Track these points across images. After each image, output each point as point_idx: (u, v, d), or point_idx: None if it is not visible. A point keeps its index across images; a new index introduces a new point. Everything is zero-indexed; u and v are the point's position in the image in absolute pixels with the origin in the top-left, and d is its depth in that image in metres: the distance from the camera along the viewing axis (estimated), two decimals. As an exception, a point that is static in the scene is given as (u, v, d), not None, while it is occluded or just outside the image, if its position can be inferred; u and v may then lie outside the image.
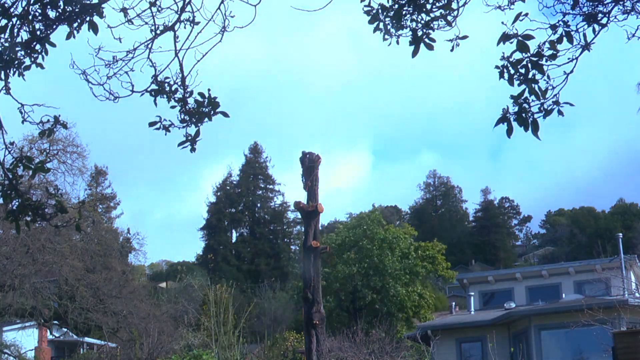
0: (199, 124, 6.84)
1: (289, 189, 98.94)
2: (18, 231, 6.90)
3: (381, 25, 6.99)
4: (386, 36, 7.02)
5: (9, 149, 6.74)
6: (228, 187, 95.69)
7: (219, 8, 6.91)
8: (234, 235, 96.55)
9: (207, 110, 6.78)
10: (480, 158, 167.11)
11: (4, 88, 6.54)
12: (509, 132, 6.60)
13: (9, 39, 6.30)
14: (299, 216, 40.30)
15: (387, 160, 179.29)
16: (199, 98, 6.84)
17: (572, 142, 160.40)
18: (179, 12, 6.85)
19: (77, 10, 6.36)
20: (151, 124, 6.83)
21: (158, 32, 6.94)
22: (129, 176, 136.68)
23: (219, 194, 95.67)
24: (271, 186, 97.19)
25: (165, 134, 6.77)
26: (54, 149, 42.10)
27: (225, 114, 6.87)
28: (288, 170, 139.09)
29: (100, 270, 43.24)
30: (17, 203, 6.68)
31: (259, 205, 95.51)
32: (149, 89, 6.87)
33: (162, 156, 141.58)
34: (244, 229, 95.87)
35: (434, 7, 6.96)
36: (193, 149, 6.81)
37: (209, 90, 6.85)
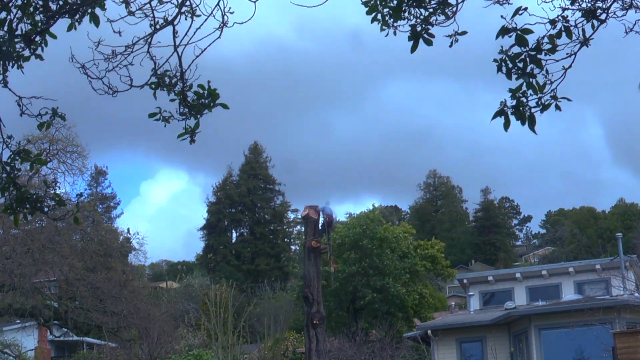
0: (199, 116, 6.88)
1: (289, 189, 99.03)
2: (16, 223, 6.92)
3: (379, 17, 7.01)
4: (384, 27, 7.04)
5: (7, 143, 6.77)
6: (228, 187, 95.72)
7: (217, 4, 6.94)
8: (234, 235, 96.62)
9: (207, 101, 6.82)
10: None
11: (2, 81, 6.56)
12: (506, 125, 6.63)
13: (8, 32, 6.32)
14: (299, 216, 40.26)
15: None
16: (199, 90, 6.88)
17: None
18: (178, 6, 6.88)
19: (79, 1, 6.38)
20: (151, 115, 6.87)
21: (158, 26, 6.97)
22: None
23: (219, 194, 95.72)
24: (271, 186, 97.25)
25: (165, 126, 6.82)
26: (54, 148, 42.12)
27: (224, 106, 6.91)
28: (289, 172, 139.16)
29: (100, 270, 43.22)
30: (15, 196, 6.69)
31: (259, 205, 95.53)
32: (148, 82, 6.90)
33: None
34: (244, 229, 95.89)
35: (432, 1, 6.98)
36: (192, 141, 6.86)
37: (209, 82, 6.89)
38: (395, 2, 6.99)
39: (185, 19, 6.91)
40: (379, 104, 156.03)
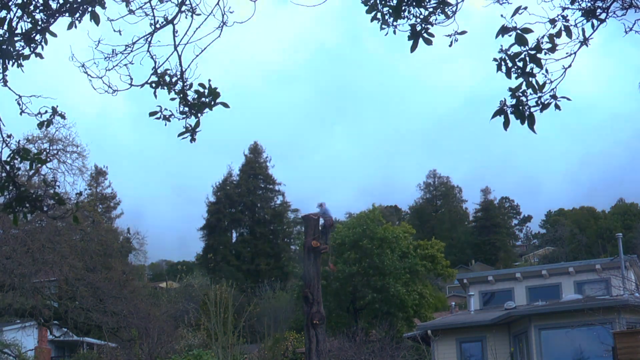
0: (200, 114, 6.89)
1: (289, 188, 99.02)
2: (15, 222, 6.91)
3: (379, 16, 7.01)
4: (383, 26, 7.04)
5: (7, 142, 6.77)
6: (228, 187, 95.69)
7: (217, 4, 6.94)
8: (234, 235, 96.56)
9: (207, 100, 6.83)
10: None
11: (1, 80, 6.56)
12: (506, 124, 6.63)
13: (8, 30, 6.32)
14: (299, 216, 40.15)
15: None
16: (199, 89, 6.89)
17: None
18: (178, 5, 6.89)
19: (79, 0, 6.39)
20: (152, 114, 6.87)
21: (158, 25, 6.98)
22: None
23: (218, 194, 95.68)
24: (271, 186, 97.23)
25: (165, 124, 6.83)
26: (54, 148, 42.13)
27: (225, 105, 6.91)
28: (288, 170, 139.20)
29: (100, 270, 43.20)
30: (15, 195, 6.69)
31: (259, 205, 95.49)
32: (149, 81, 6.91)
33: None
34: (244, 229, 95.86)
35: (431, 0, 6.99)
36: (193, 139, 6.87)
37: (209, 80, 6.91)
38: (395, 1, 6.99)
39: (185, 18, 6.93)
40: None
